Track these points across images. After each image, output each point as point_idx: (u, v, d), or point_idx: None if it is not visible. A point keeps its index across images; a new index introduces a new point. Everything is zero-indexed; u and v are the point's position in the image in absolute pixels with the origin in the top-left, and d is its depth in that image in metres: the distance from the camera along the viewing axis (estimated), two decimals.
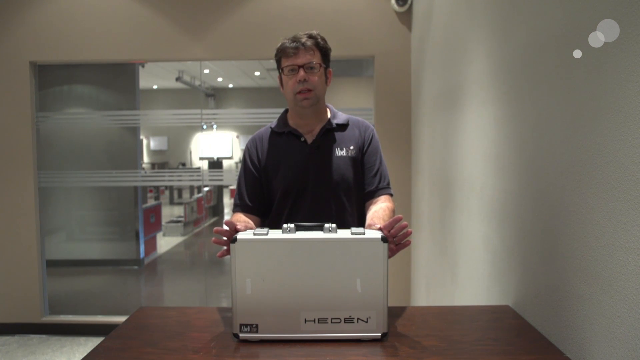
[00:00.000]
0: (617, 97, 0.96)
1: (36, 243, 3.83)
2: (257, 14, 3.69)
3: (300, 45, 1.53)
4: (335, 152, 1.61)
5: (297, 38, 1.55)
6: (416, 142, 3.47)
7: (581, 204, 1.10)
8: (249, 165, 1.66)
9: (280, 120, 1.69)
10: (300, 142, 1.62)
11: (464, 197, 2.12)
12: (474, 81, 1.97)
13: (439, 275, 2.67)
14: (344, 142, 1.63)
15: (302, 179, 1.60)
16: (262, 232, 1.19)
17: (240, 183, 1.66)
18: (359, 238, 1.15)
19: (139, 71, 4.44)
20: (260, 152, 1.66)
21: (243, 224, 1.29)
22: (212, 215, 8.85)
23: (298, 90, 1.54)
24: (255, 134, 1.71)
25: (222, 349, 1.17)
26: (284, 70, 1.57)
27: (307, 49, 1.54)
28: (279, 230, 1.20)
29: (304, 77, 1.53)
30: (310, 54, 1.54)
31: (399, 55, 3.62)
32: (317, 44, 1.56)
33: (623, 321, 0.94)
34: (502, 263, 1.63)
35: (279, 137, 1.65)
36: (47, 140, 4.02)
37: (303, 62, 1.53)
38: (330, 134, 1.64)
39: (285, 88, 1.59)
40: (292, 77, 1.55)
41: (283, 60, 1.57)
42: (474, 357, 1.12)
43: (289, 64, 1.55)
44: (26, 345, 3.68)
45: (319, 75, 1.57)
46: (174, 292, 5.31)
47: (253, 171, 1.65)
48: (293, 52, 1.53)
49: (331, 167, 1.60)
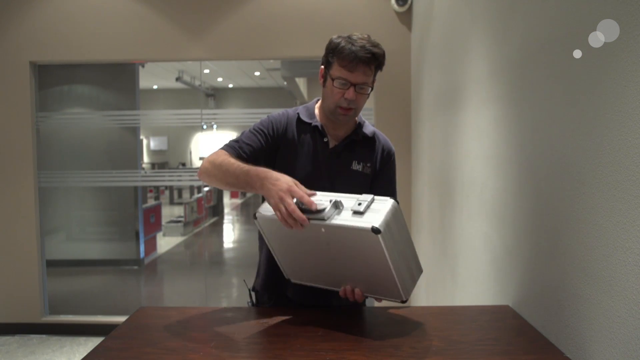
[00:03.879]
0: (617, 97, 0.96)
1: (36, 243, 3.83)
2: (257, 14, 3.69)
3: (360, 61, 1.37)
4: (352, 165, 1.53)
5: (359, 48, 1.37)
6: (416, 142, 3.47)
7: (581, 204, 1.10)
8: (264, 131, 1.50)
9: (307, 110, 1.57)
10: (323, 142, 1.53)
11: (464, 197, 2.12)
12: (474, 81, 1.97)
13: (439, 276, 2.67)
14: (363, 157, 1.55)
15: (314, 180, 1.50)
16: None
17: (246, 134, 1.50)
18: (353, 227, 1.14)
19: (139, 71, 4.44)
20: (283, 130, 1.52)
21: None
22: (212, 215, 8.85)
23: (341, 105, 1.42)
24: (284, 112, 1.57)
25: (222, 349, 1.17)
26: (333, 77, 1.41)
27: (366, 66, 1.39)
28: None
29: (353, 97, 1.40)
30: (367, 74, 1.41)
31: (399, 55, 3.62)
32: (377, 63, 1.42)
33: (623, 321, 0.94)
34: (502, 263, 1.63)
35: (303, 126, 1.54)
36: (47, 140, 4.02)
37: (357, 81, 1.40)
38: (353, 144, 1.54)
39: (328, 93, 1.46)
40: (339, 90, 1.41)
41: (336, 65, 1.41)
42: (474, 357, 1.12)
43: (342, 77, 1.40)
44: (26, 345, 3.68)
45: (366, 94, 1.45)
46: (174, 292, 5.32)
47: (266, 138, 1.50)
48: (351, 66, 1.38)
49: (344, 179, 1.52)
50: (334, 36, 1.43)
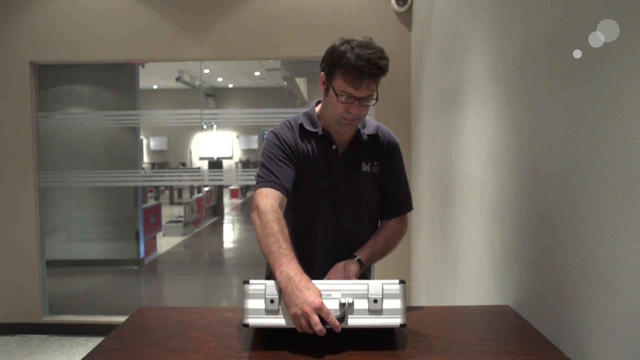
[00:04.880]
0: (617, 96, 0.96)
1: (36, 243, 3.83)
2: (257, 14, 3.69)
3: (366, 77, 1.32)
4: (362, 167, 1.52)
5: (364, 63, 1.30)
6: (416, 142, 3.47)
7: (581, 204, 1.10)
8: (285, 150, 1.45)
9: (310, 118, 1.51)
10: (332, 150, 1.49)
11: (464, 197, 2.12)
12: (474, 81, 1.97)
13: (439, 275, 2.67)
14: (370, 157, 1.53)
15: (329, 191, 1.50)
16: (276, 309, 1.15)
17: (274, 165, 1.42)
18: (378, 325, 1.15)
19: (139, 71, 4.44)
20: (296, 146, 1.47)
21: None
22: (212, 215, 8.85)
23: (346, 117, 1.38)
24: (287, 126, 1.51)
25: (222, 349, 1.17)
26: (337, 92, 1.36)
27: (371, 79, 1.34)
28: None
29: (358, 111, 1.37)
30: (373, 86, 1.36)
31: (399, 55, 3.62)
32: (383, 72, 1.36)
33: (623, 321, 0.94)
34: (502, 263, 1.63)
35: (308, 135, 1.49)
36: (47, 140, 4.02)
37: (362, 95, 1.35)
38: (360, 146, 1.52)
39: (331, 104, 1.40)
40: (343, 104, 1.36)
41: (340, 79, 1.34)
42: (474, 357, 1.12)
43: (346, 93, 1.34)
44: (26, 345, 3.68)
45: (371, 105, 1.41)
46: (174, 292, 5.32)
47: (292, 161, 1.45)
48: (357, 82, 1.32)
49: (358, 184, 1.52)
50: (337, 42, 1.36)
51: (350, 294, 1.15)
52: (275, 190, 1.38)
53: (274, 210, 1.31)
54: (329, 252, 1.51)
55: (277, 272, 1.17)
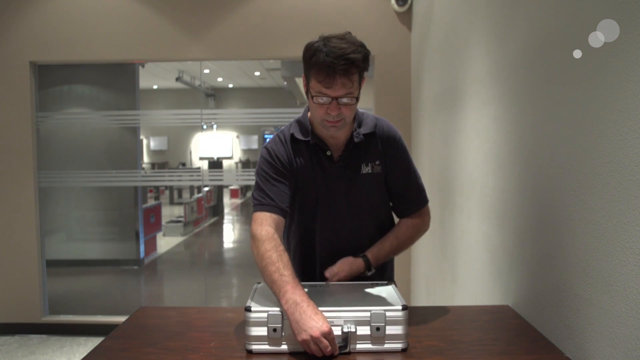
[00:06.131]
0: (617, 97, 0.96)
1: (36, 243, 3.83)
2: (257, 14, 3.69)
3: (337, 73, 1.23)
4: (361, 169, 1.45)
5: (333, 59, 1.22)
6: (416, 142, 3.47)
7: (581, 204, 1.10)
8: (278, 168, 1.42)
9: (301, 126, 1.45)
10: (327, 156, 1.44)
11: (464, 197, 2.12)
12: (474, 81, 1.97)
13: (439, 275, 2.67)
14: (369, 157, 1.45)
15: (326, 200, 1.46)
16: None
17: (269, 187, 1.39)
18: (382, 350, 1.14)
19: (139, 71, 4.45)
20: (290, 160, 1.44)
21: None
22: (212, 215, 8.85)
23: (327, 119, 1.31)
24: (278, 137, 1.47)
25: (222, 349, 1.17)
26: (312, 92, 1.29)
27: (345, 76, 1.24)
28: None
29: (337, 112, 1.29)
30: (348, 84, 1.26)
31: (399, 55, 3.62)
32: (357, 66, 1.25)
33: (623, 321, 0.94)
34: (502, 263, 1.63)
35: (301, 145, 1.44)
36: (47, 140, 4.02)
37: (338, 95, 1.26)
38: (357, 148, 1.44)
39: (312, 107, 1.34)
40: (321, 105, 1.29)
41: (313, 80, 1.28)
42: (474, 357, 1.12)
43: (321, 93, 1.27)
44: (26, 345, 3.68)
45: (354, 103, 1.31)
46: (174, 292, 5.32)
47: (285, 173, 1.42)
48: (328, 81, 1.24)
49: (357, 187, 1.46)
50: (315, 39, 1.29)
51: (352, 321, 1.14)
52: (270, 213, 1.36)
53: (269, 237, 1.29)
54: (329, 264, 1.46)
55: (283, 300, 1.14)
